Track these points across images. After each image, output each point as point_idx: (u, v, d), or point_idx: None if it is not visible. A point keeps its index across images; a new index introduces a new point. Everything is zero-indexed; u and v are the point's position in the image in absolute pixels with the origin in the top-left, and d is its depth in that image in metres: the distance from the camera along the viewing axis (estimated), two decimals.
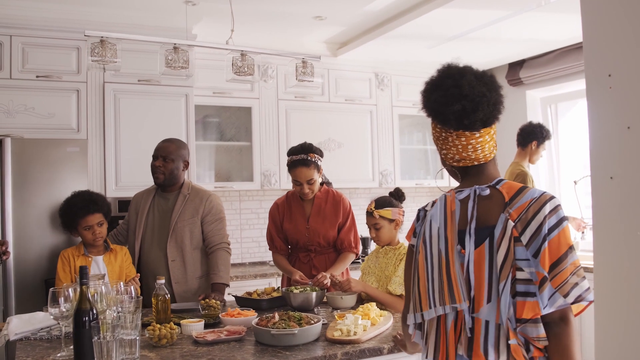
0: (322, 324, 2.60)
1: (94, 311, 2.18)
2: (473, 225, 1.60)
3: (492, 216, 1.60)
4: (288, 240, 3.62)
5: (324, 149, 5.31)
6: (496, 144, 1.75)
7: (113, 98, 4.41)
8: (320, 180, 3.58)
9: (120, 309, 2.24)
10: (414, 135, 6.04)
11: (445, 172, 5.84)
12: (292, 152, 3.52)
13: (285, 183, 5.12)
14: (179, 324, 2.59)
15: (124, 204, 4.38)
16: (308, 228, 3.55)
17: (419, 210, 1.79)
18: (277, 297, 3.13)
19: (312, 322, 2.42)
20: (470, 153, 1.69)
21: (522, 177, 4.59)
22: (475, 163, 1.71)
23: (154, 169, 3.46)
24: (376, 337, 2.43)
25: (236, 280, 4.66)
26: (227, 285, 3.41)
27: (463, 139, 1.67)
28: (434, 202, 1.73)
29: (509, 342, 1.51)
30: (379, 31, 4.82)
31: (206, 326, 2.64)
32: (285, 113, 5.27)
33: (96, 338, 2.00)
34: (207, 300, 2.97)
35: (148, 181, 3.66)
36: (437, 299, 1.61)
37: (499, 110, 1.68)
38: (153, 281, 3.34)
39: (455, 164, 1.73)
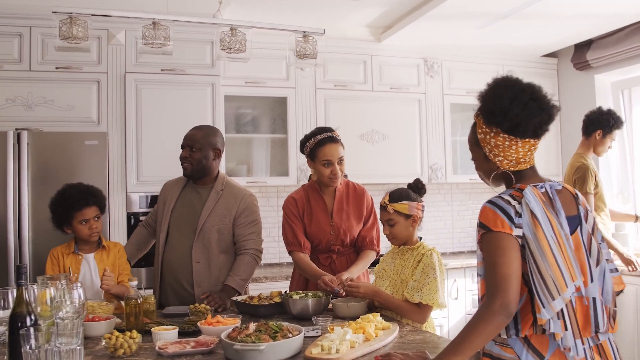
0: (310, 337, 2.25)
1: (32, 316, 1.93)
2: (563, 214, 1.76)
3: (571, 207, 1.81)
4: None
5: (366, 142, 4.97)
6: None
7: (134, 89, 4.22)
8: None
9: (63, 314, 1.97)
10: (469, 126, 5.52)
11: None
12: (313, 133, 3.17)
13: None
14: (149, 332, 2.31)
15: (144, 199, 4.19)
16: (332, 225, 3.16)
17: (505, 205, 1.76)
18: (277, 303, 2.79)
19: (290, 335, 2.07)
20: (528, 157, 1.84)
21: (582, 171, 4.04)
22: (528, 166, 1.86)
23: (181, 160, 3.18)
24: (365, 356, 2.04)
25: (266, 281, 4.37)
26: (239, 292, 3.09)
27: (527, 146, 1.81)
28: (512, 196, 1.77)
29: (612, 312, 1.78)
30: (423, 9, 4.37)
31: (183, 335, 2.34)
32: (323, 103, 4.93)
33: (27, 347, 1.75)
34: (197, 305, 2.68)
35: (171, 175, 3.43)
36: (568, 278, 1.68)
37: None
38: (174, 281, 3.14)
39: (512, 168, 1.84)
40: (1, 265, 3.73)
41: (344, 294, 2.84)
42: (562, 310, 1.67)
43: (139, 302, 2.36)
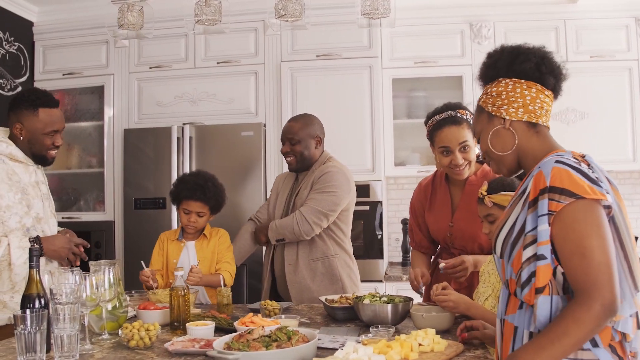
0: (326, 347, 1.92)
1: (43, 300, 1.97)
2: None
3: None
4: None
5: (560, 122, 4.23)
6: None
7: (290, 77, 4.19)
8: (477, 151, 2.56)
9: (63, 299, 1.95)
10: None
11: None
12: (433, 113, 2.62)
13: None
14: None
15: None
16: (451, 226, 2.63)
17: (580, 167, 1.46)
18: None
19: (287, 346, 1.77)
20: (539, 109, 1.61)
21: None
22: (540, 122, 1.62)
23: (284, 155, 3.11)
24: None
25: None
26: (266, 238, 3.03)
27: (533, 90, 1.61)
28: (576, 159, 1.49)
29: None
30: None
31: (224, 331, 2.20)
32: None
33: (20, 328, 1.78)
34: (267, 302, 2.52)
35: None
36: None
37: None
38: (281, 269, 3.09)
39: (520, 118, 1.61)
40: None
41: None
42: None
43: (183, 293, 2.27)
